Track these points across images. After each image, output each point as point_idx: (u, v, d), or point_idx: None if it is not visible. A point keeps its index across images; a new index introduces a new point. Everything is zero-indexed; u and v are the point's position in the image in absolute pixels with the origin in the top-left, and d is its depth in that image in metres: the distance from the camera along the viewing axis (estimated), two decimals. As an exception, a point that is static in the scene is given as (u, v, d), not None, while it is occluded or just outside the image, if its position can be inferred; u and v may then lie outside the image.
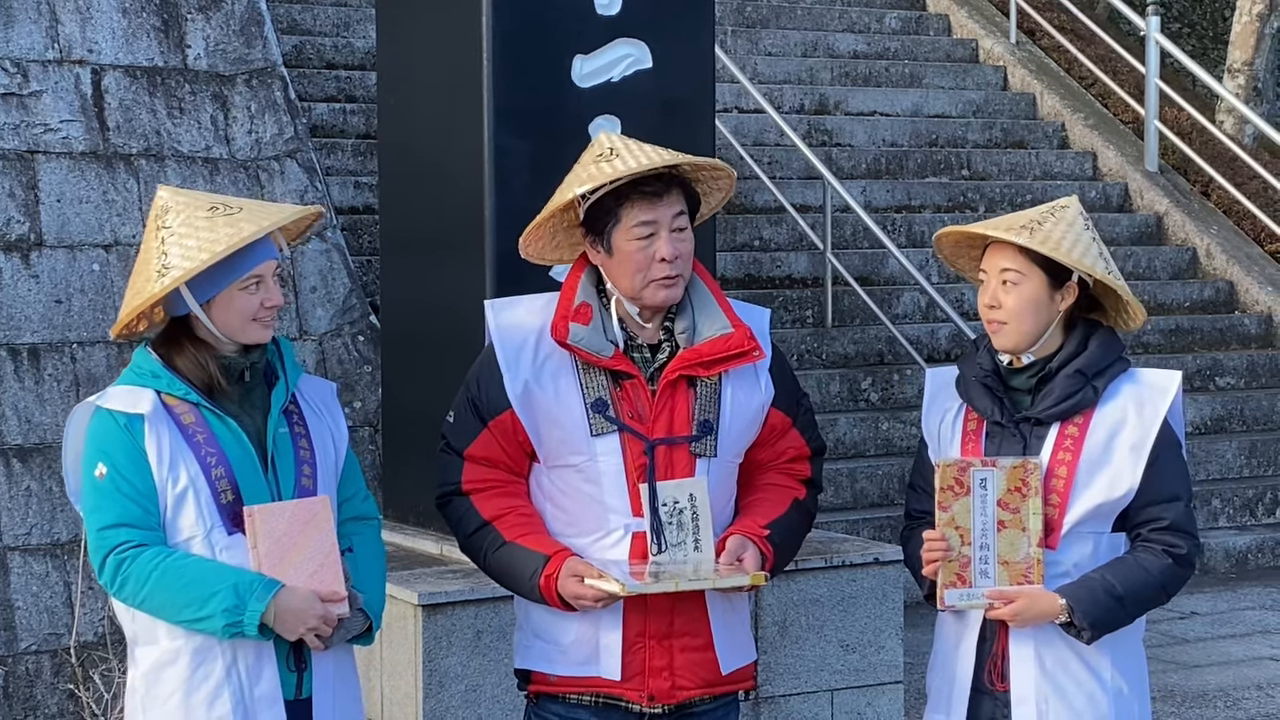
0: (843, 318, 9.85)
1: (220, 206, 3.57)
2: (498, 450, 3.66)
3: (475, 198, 5.58)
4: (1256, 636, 7.77)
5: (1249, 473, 9.76)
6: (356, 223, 8.75)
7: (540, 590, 3.57)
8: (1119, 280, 3.64)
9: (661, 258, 3.55)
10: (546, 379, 3.60)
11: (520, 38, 5.56)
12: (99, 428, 3.55)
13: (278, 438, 3.61)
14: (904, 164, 11.32)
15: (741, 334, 3.62)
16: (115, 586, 3.52)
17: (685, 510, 3.56)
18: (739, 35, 12.01)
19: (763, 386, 3.68)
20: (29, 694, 6.37)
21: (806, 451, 3.77)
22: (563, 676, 3.68)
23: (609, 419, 3.57)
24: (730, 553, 3.57)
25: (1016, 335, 3.65)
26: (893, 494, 8.86)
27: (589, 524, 3.62)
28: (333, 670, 3.66)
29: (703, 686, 3.65)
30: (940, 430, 3.78)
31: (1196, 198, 11.71)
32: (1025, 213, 3.71)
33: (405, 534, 5.84)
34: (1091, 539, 3.63)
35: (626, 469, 3.58)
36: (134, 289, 3.60)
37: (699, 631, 3.61)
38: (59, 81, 7.11)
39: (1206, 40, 19.45)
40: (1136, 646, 3.76)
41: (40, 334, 6.75)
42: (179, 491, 3.51)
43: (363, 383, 7.37)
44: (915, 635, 6.65)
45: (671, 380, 3.60)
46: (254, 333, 3.59)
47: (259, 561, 3.51)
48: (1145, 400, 3.64)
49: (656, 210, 3.57)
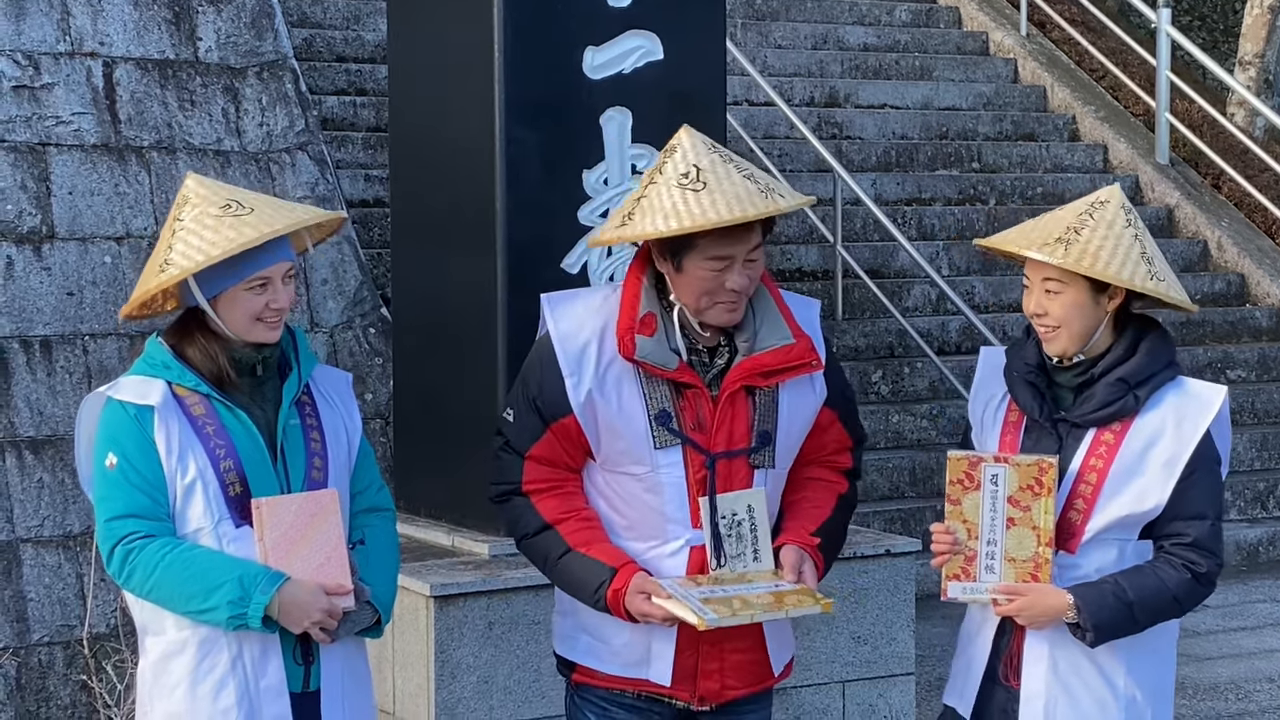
0: (853, 310, 9.85)
1: (233, 204, 3.55)
2: (559, 451, 3.61)
3: (486, 189, 5.58)
4: (1267, 629, 7.76)
5: (1260, 465, 9.74)
6: (367, 215, 8.76)
7: (607, 603, 3.52)
8: (1161, 285, 3.55)
9: (731, 289, 3.50)
10: (610, 388, 3.53)
11: (531, 29, 5.56)
12: (110, 418, 3.56)
13: (288, 429, 3.61)
14: (914, 157, 11.30)
15: (803, 345, 3.57)
16: (123, 577, 3.53)
17: (744, 522, 3.55)
18: (749, 28, 12.00)
19: (817, 390, 3.64)
20: (41, 685, 6.38)
21: (849, 443, 3.75)
22: (611, 675, 3.66)
23: (673, 431, 3.53)
24: (791, 567, 3.55)
25: (1067, 339, 3.60)
26: (903, 487, 8.86)
27: (647, 531, 3.59)
28: (341, 663, 3.66)
29: (750, 685, 3.67)
30: (984, 416, 3.75)
31: (1207, 190, 11.68)
32: (1063, 215, 3.62)
33: (417, 525, 5.84)
34: (1116, 545, 3.60)
35: (688, 482, 3.55)
36: (144, 276, 3.62)
37: (752, 634, 3.61)
38: (70, 74, 7.11)
39: (1217, 33, 19.41)
40: (1159, 657, 3.72)
41: (52, 326, 6.76)
42: (187, 483, 3.52)
43: (374, 375, 7.37)
44: (927, 627, 6.66)
45: (732, 391, 3.56)
46: (259, 333, 3.58)
47: (265, 553, 3.51)
48: (1186, 415, 3.58)
49: (735, 247, 3.48)
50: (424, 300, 6.04)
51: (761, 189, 3.45)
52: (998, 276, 10.31)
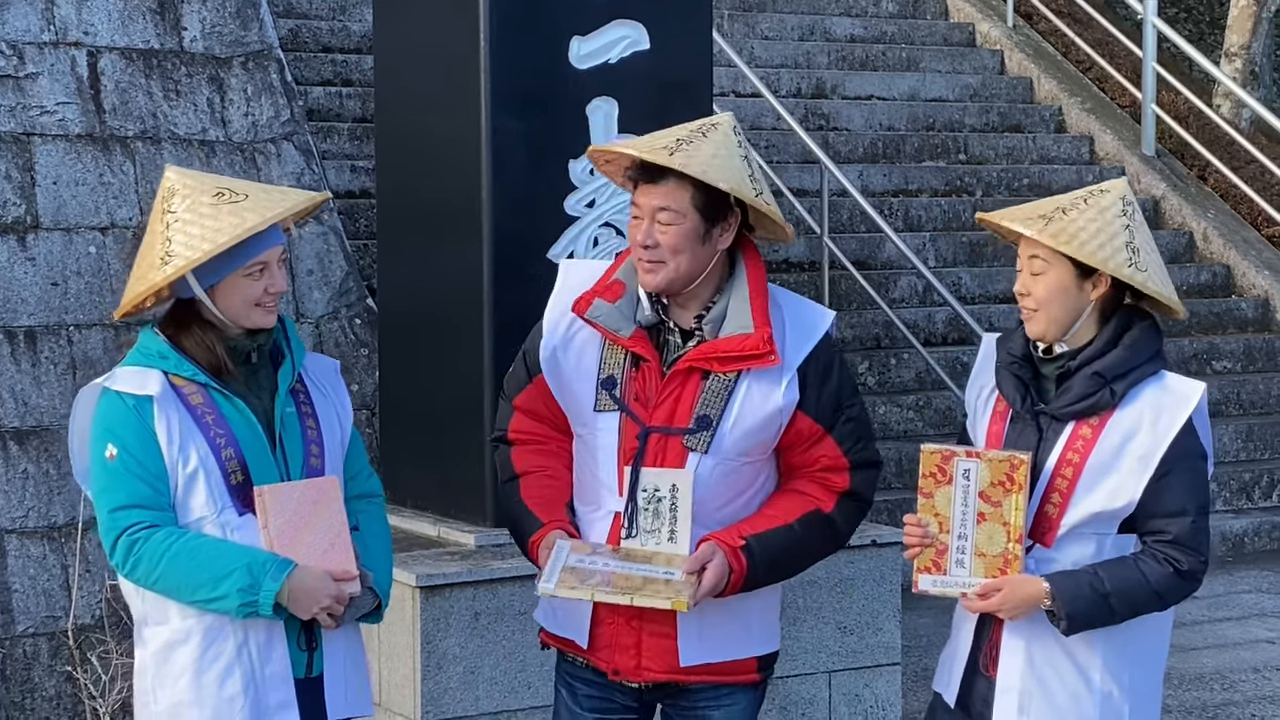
0: (840, 302, 9.85)
1: (226, 193, 3.55)
2: (541, 405, 3.74)
3: (473, 179, 5.57)
4: (1253, 619, 7.78)
5: (1245, 456, 9.76)
6: (353, 207, 8.74)
7: (530, 555, 3.69)
8: (1140, 275, 3.54)
9: (641, 243, 3.56)
10: (574, 349, 3.66)
11: (518, 19, 5.55)
12: (107, 409, 3.55)
13: (285, 418, 3.63)
14: (901, 148, 11.31)
15: (759, 337, 3.57)
16: (128, 568, 3.53)
17: (665, 500, 3.57)
18: (735, 19, 11.99)
19: (783, 390, 3.60)
20: (26, 677, 6.37)
21: (844, 463, 3.67)
22: (551, 634, 3.80)
23: (613, 397, 3.60)
24: (696, 559, 3.56)
25: (1045, 322, 3.59)
26: (889, 477, 8.86)
27: (586, 496, 3.70)
28: (343, 649, 3.69)
29: (668, 672, 3.66)
30: (977, 403, 3.76)
31: (1193, 182, 11.70)
32: (1060, 198, 3.64)
33: (403, 516, 5.84)
34: (1094, 540, 3.59)
35: (620, 449, 3.61)
36: (138, 274, 3.59)
37: (665, 619, 3.62)
38: (55, 64, 7.09)
39: (1203, 24, 19.43)
40: (1143, 655, 3.70)
41: (36, 316, 6.74)
42: (189, 472, 3.52)
43: (359, 366, 7.36)
44: (913, 618, 6.66)
45: (684, 370, 3.59)
46: (257, 318, 3.59)
47: (270, 541, 3.52)
48: (1164, 410, 3.56)
49: (643, 196, 3.58)
50: (410, 291, 6.04)
51: (681, 157, 3.50)
52: (984, 268, 10.32)
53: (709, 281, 3.63)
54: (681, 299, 3.63)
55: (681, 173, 3.51)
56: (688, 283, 3.59)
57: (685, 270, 3.57)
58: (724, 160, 3.53)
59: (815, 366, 3.64)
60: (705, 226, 3.57)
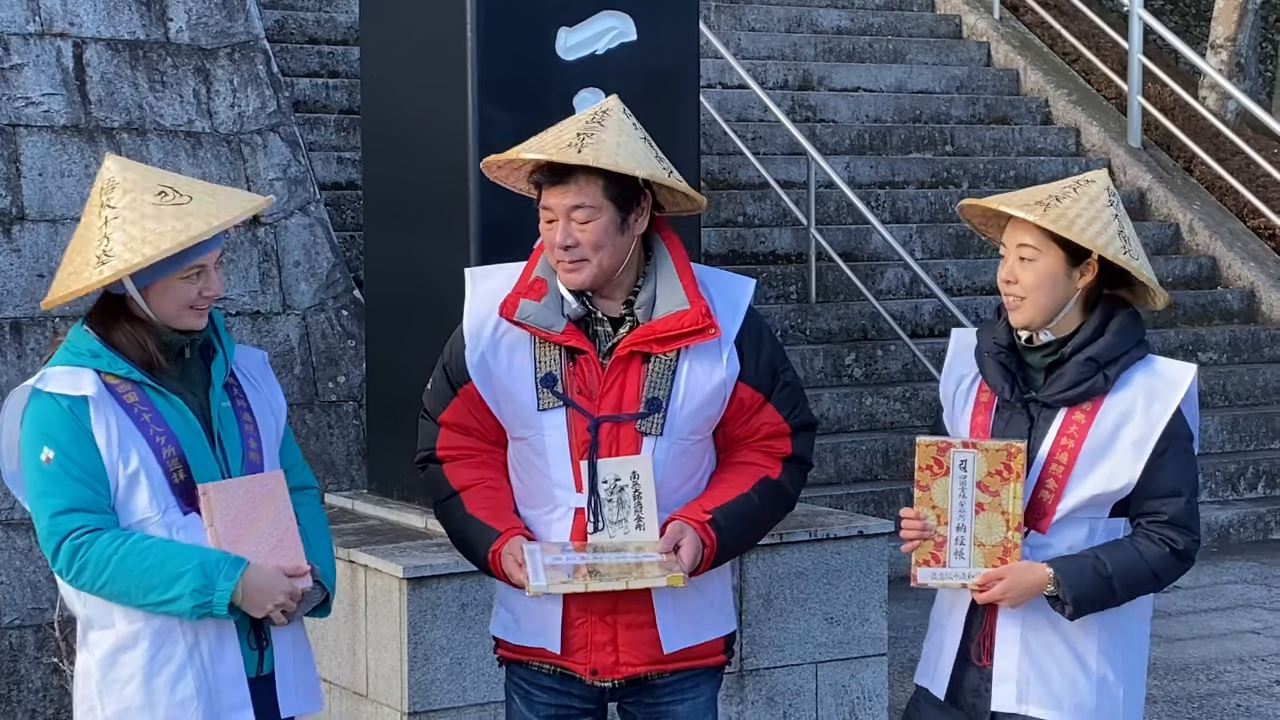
0: (826, 293, 9.86)
1: (169, 192, 3.45)
2: (470, 418, 3.69)
3: (459, 171, 5.56)
4: (1238, 610, 7.81)
5: (1231, 447, 9.79)
6: (340, 198, 8.74)
7: (490, 566, 3.62)
8: (1134, 262, 3.57)
9: (559, 244, 3.54)
10: (503, 352, 3.61)
11: (504, 10, 5.54)
12: (40, 411, 3.45)
13: (222, 413, 3.56)
14: (887, 140, 11.31)
15: (696, 311, 3.57)
16: (72, 573, 3.44)
17: (627, 488, 3.55)
18: (722, 11, 11.99)
19: (724, 362, 3.61)
20: (13, 668, 6.36)
21: (785, 428, 3.69)
22: (517, 645, 3.74)
23: (556, 394, 3.57)
24: (668, 539, 3.55)
25: (1032, 311, 3.61)
26: (876, 469, 8.88)
27: (538, 497, 3.65)
28: (291, 645, 3.64)
29: (649, 663, 3.66)
30: (955, 396, 3.76)
31: (1179, 173, 11.72)
32: (1048, 186, 3.65)
33: (390, 508, 5.83)
34: (1087, 524, 3.62)
35: (571, 445, 3.58)
36: (72, 268, 3.48)
37: (642, 609, 3.61)
38: (40, 55, 7.08)
39: (1189, 16, 19.47)
40: (1132, 639, 3.73)
41: (22, 308, 6.73)
42: (130, 473, 3.44)
43: (346, 357, 7.36)
44: (900, 608, 6.68)
45: (624, 356, 3.58)
46: (189, 320, 3.51)
47: (217, 540, 3.46)
48: (1156, 394, 3.59)
49: (554, 197, 3.55)
50: (397, 282, 6.03)
51: (588, 154, 3.48)
52: (970, 259, 10.33)
53: (630, 268, 3.62)
54: (606, 289, 3.61)
55: (590, 167, 3.49)
56: (611, 275, 3.59)
57: (608, 264, 3.56)
58: (629, 146, 3.53)
59: (749, 336, 3.66)
60: (621, 216, 3.56)
